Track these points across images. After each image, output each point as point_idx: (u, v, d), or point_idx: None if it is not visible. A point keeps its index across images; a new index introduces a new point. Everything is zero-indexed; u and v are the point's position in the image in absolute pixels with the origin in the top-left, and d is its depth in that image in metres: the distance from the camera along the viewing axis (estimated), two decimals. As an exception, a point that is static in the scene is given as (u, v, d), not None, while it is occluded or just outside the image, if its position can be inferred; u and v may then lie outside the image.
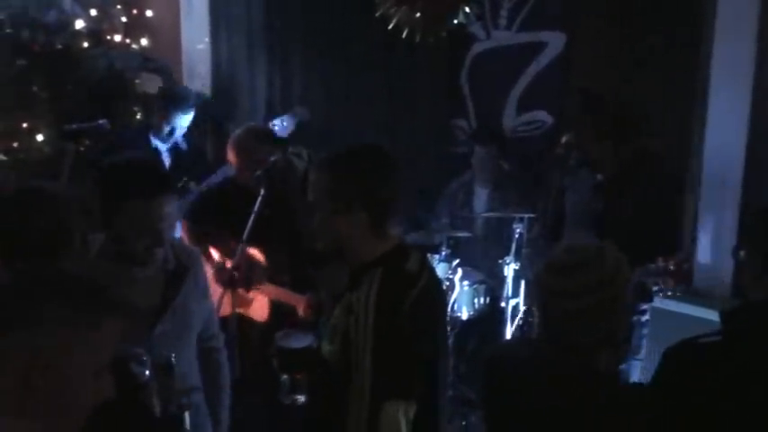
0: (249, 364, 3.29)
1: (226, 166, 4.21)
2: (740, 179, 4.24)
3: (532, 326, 4.35)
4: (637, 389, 1.99)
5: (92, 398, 1.39)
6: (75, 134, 3.67)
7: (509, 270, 4.45)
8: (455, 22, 5.01)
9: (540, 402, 2.03)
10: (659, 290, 3.12)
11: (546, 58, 5.14)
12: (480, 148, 4.94)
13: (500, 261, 4.58)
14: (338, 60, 5.75)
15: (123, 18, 5.71)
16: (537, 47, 5.17)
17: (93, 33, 5.33)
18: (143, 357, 1.68)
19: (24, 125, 4.88)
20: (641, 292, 3.23)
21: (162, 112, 4.77)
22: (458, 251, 4.82)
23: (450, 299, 4.51)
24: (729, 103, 4.25)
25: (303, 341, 3.34)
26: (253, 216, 3.32)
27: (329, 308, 2.45)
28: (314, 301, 3.58)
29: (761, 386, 1.76)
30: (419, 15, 4.90)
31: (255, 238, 3.45)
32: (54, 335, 1.35)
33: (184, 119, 4.78)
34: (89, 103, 5.02)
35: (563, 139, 3.63)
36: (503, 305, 4.52)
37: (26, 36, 4.92)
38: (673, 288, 3.10)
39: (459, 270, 4.62)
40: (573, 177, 3.78)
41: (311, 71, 5.91)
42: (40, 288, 1.40)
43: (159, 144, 4.77)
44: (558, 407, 1.99)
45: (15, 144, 4.84)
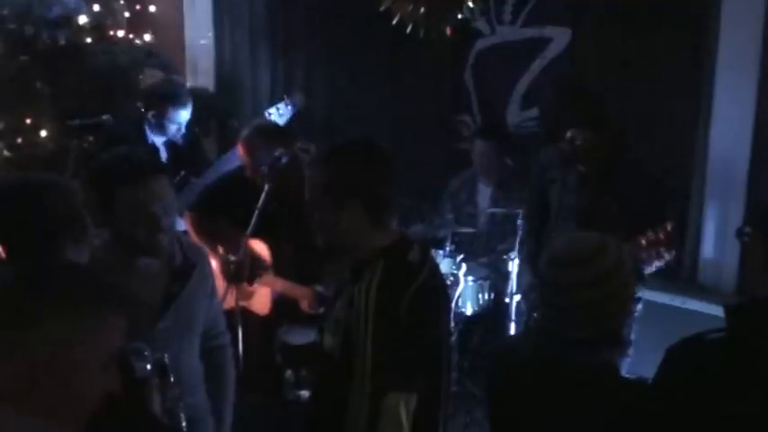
0: (251, 358, 3.28)
1: (225, 157, 4.18)
2: (745, 174, 4.24)
3: (536, 321, 4.33)
4: (640, 384, 1.98)
5: (97, 393, 1.39)
6: (79, 130, 3.67)
7: (513, 266, 4.44)
8: (459, 17, 5.00)
9: (543, 398, 2.03)
10: (653, 263, 3.06)
11: (551, 53, 5.12)
12: (481, 143, 4.92)
13: (504, 257, 4.57)
14: (342, 56, 5.74)
15: (126, 13, 5.73)
16: (542, 42, 5.15)
17: (97, 29, 5.33)
18: (144, 352, 1.68)
19: (28, 121, 4.89)
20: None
21: (158, 109, 4.54)
22: (462, 247, 4.82)
23: (455, 294, 4.50)
24: (734, 98, 4.24)
25: (307, 337, 3.35)
26: (257, 211, 3.33)
27: (332, 301, 2.44)
28: (317, 295, 3.58)
29: (766, 385, 1.75)
30: (423, 10, 4.89)
31: (260, 233, 3.46)
32: (59, 330, 1.35)
33: (183, 114, 4.70)
34: (92, 99, 5.01)
35: (567, 135, 3.59)
36: (507, 301, 4.52)
37: (29, 32, 4.92)
38: (666, 257, 3.04)
39: (464, 265, 4.61)
40: (557, 173, 3.73)
41: (314, 66, 5.91)
42: (45, 284, 1.39)
43: (155, 138, 4.73)
44: (562, 402, 1.99)
45: (19, 140, 4.85)
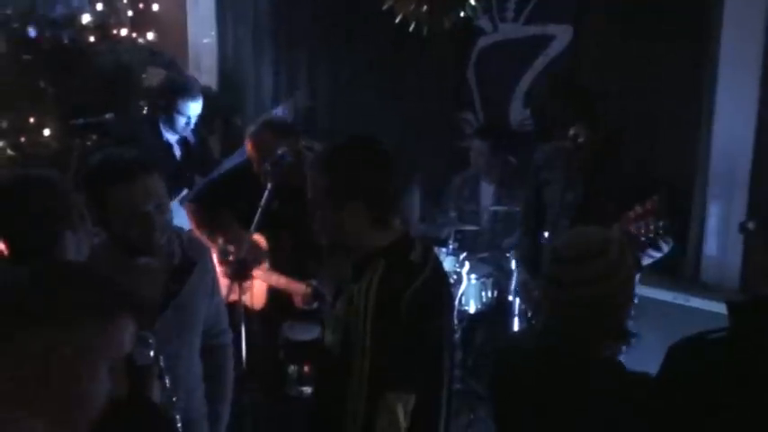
0: (254, 354, 3.28)
1: (232, 157, 4.18)
2: (747, 172, 4.23)
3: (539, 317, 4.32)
4: (643, 380, 1.98)
5: (104, 396, 1.39)
6: (82, 129, 3.67)
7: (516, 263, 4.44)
8: (462, 15, 5.00)
9: (546, 393, 2.03)
10: (644, 234, 3.02)
11: (553, 51, 5.12)
12: (476, 143, 4.93)
13: (507, 254, 4.57)
14: (345, 54, 5.75)
15: (130, 12, 5.72)
16: (544, 40, 5.15)
17: (100, 28, 5.34)
18: (149, 340, 1.67)
19: (31, 120, 4.88)
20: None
21: (169, 103, 4.68)
22: (465, 244, 4.82)
23: (458, 292, 4.51)
24: (736, 97, 4.24)
25: (311, 333, 3.35)
26: (260, 209, 3.32)
27: (333, 299, 2.44)
28: (313, 290, 3.58)
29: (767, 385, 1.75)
30: (426, 8, 4.89)
31: (261, 229, 3.45)
32: (71, 330, 1.34)
33: (194, 107, 4.73)
34: (96, 98, 5.02)
35: (570, 132, 3.58)
36: (510, 298, 4.52)
37: (33, 31, 4.92)
38: (655, 227, 3.00)
39: (467, 263, 4.61)
40: (552, 173, 3.70)
41: (317, 64, 5.91)
42: (56, 282, 1.39)
43: (170, 137, 4.75)
44: (565, 397, 1.99)
45: (23, 139, 4.85)
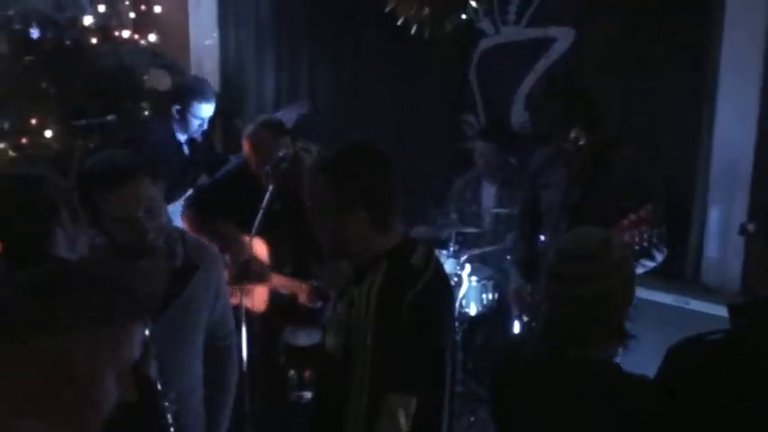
0: (255, 358, 3.29)
1: (234, 159, 4.19)
2: (749, 174, 4.23)
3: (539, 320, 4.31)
4: (642, 380, 1.99)
5: (112, 402, 1.38)
6: (84, 130, 3.68)
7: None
8: (463, 17, 5.00)
9: (546, 392, 2.03)
10: (639, 243, 3.01)
11: (555, 53, 5.11)
12: (481, 145, 4.93)
13: (508, 257, 4.57)
14: (346, 56, 5.75)
15: (132, 14, 5.73)
16: (546, 42, 5.14)
17: (102, 29, 5.35)
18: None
19: (33, 121, 4.89)
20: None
21: (183, 105, 4.70)
22: (466, 246, 4.81)
23: (459, 294, 4.51)
24: (738, 99, 4.23)
25: (312, 338, 3.35)
26: (261, 212, 3.33)
27: (334, 302, 2.45)
28: (315, 289, 3.58)
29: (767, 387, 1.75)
30: (427, 11, 4.89)
31: (263, 233, 3.46)
32: (79, 337, 1.33)
33: (206, 108, 4.73)
34: (97, 100, 5.03)
35: (571, 135, 3.57)
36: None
37: (35, 32, 4.93)
38: (649, 236, 2.99)
39: (468, 266, 4.61)
40: (550, 177, 3.69)
41: (319, 66, 5.91)
42: (62, 288, 1.38)
43: (179, 136, 4.75)
44: (564, 397, 1.99)
45: (24, 140, 4.86)
